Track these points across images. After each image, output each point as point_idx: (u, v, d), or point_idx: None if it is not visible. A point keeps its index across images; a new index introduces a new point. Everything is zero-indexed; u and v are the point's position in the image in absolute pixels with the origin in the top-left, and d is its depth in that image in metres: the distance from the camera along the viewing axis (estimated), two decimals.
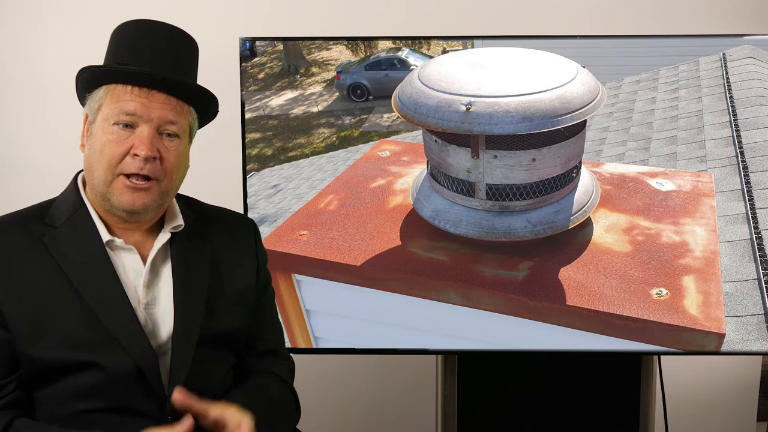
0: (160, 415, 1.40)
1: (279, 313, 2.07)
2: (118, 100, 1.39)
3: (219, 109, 1.53)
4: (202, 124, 1.54)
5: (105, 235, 1.43)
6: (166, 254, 1.48)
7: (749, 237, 2.02)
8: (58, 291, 1.38)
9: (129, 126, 1.39)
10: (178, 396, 1.34)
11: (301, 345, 2.16)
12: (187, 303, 1.45)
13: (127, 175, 1.39)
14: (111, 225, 1.45)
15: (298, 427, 1.66)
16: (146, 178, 1.40)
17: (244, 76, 2.13)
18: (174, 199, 1.52)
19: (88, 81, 1.43)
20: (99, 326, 1.37)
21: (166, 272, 1.47)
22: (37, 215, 1.45)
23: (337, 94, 2.16)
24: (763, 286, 1.99)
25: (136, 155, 1.38)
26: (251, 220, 1.69)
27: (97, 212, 1.45)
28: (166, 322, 1.44)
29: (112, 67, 1.41)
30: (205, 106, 1.50)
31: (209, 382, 1.45)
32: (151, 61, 1.41)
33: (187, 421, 1.32)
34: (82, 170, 1.50)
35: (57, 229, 1.42)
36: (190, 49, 1.50)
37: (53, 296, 1.38)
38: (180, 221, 1.50)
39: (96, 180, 1.41)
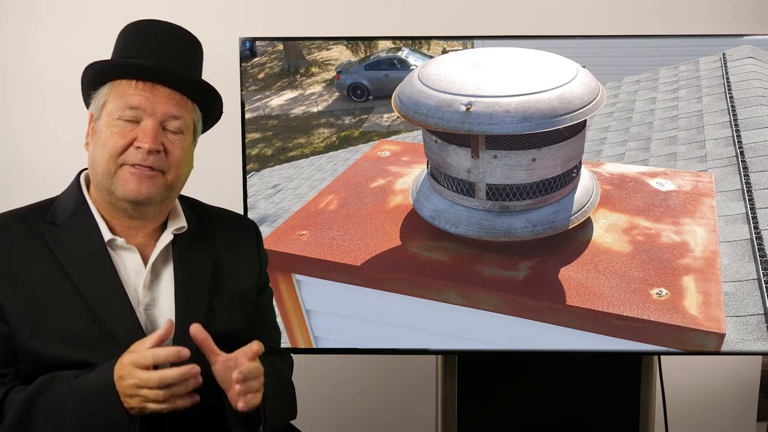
0: (159, 416, 1.40)
1: (279, 313, 2.08)
2: (122, 95, 1.40)
3: (224, 109, 1.53)
4: (207, 126, 1.54)
5: (106, 234, 1.43)
6: (167, 256, 1.48)
7: (749, 237, 2.02)
8: (58, 287, 1.38)
9: (133, 121, 1.40)
10: (196, 329, 1.34)
11: (301, 345, 2.15)
12: (188, 305, 1.45)
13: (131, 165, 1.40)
14: (114, 226, 1.45)
15: (298, 427, 1.66)
16: (150, 168, 1.40)
17: (244, 76, 2.13)
18: (177, 201, 1.53)
19: (94, 78, 1.43)
20: (98, 324, 1.38)
21: (167, 274, 1.47)
22: (39, 212, 1.45)
23: (337, 94, 2.16)
24: (763, 286, 1.99)
25: (140, 147, 1.38)
26: (253, 222, 1.69)
27: (100, 212, 1.45)
28: None
29: (117, 61, 1.42)
30: (210, 105, 1.50)
31: (209, 384, 1.45)
32: (156, 56, 1.42)
33: (167, 325, 1.30)
34: (84, 169, 1.51)
35: (58, 227, 1.43)
36: (195, 49, 1.51)
37: (53, 292, 1.38)
38: (183, 223, 1.50)
39: (99, 174, 1.41)
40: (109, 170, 1.40)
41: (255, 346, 1.37)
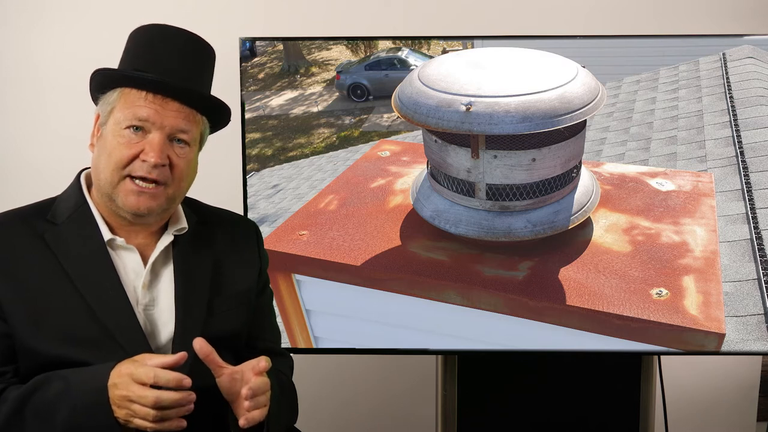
0: None
1: (279, 313, 2.08)
2: (131, 105, 1.39)
3: (231, 119, 1.53)
4: (212, 131, 1.54)
5: (106, 234, 1.43)
6: (167, 256, 1.48)
7: (749, 237, 2.02)
8: (57, 287, 1.38)
9: (140, 130, 1.39)
10: (200, 343, 1.33)
11: (301, 345, 2.15)
12: (188, 305, 1.45)
13: (133, 178, 1.39)
14: (114, 226, 1.45)
15: (298, 426, 1.66)
16: (154, 181, 1.39)
17: (244, 76, 2.13)
18: None
19: (103, 82, 1.43)
20: (98, 323, 1.38)
21: (167, 274, 1.47)
22: (40, 212, 1.45)
23: (337, 94, 2.16)
24: (763, 286, 1.99)
25: (145, 161, 1.38)
26: (253, 223, 1.69)
27: (100, 212, 1.45)
28: (166, 324, 1.44)
29: (129, 73, 1.41)
30: (218, 117, 1.50)
31: (210, 393, 1.45)
32: (168, 68, 1.41)
33: (179, 355, 1.29)
34: (84, 168, 1.51)
35: (58, 226, 1.43)
36: (207, 57, 1.49)
37: (53, 292, 1.38)
38: (184, 224, 1.50)
39: (102, 181, 1.41)
40: (112, 180, 1.40)
41: (263, 363, 1.36)
